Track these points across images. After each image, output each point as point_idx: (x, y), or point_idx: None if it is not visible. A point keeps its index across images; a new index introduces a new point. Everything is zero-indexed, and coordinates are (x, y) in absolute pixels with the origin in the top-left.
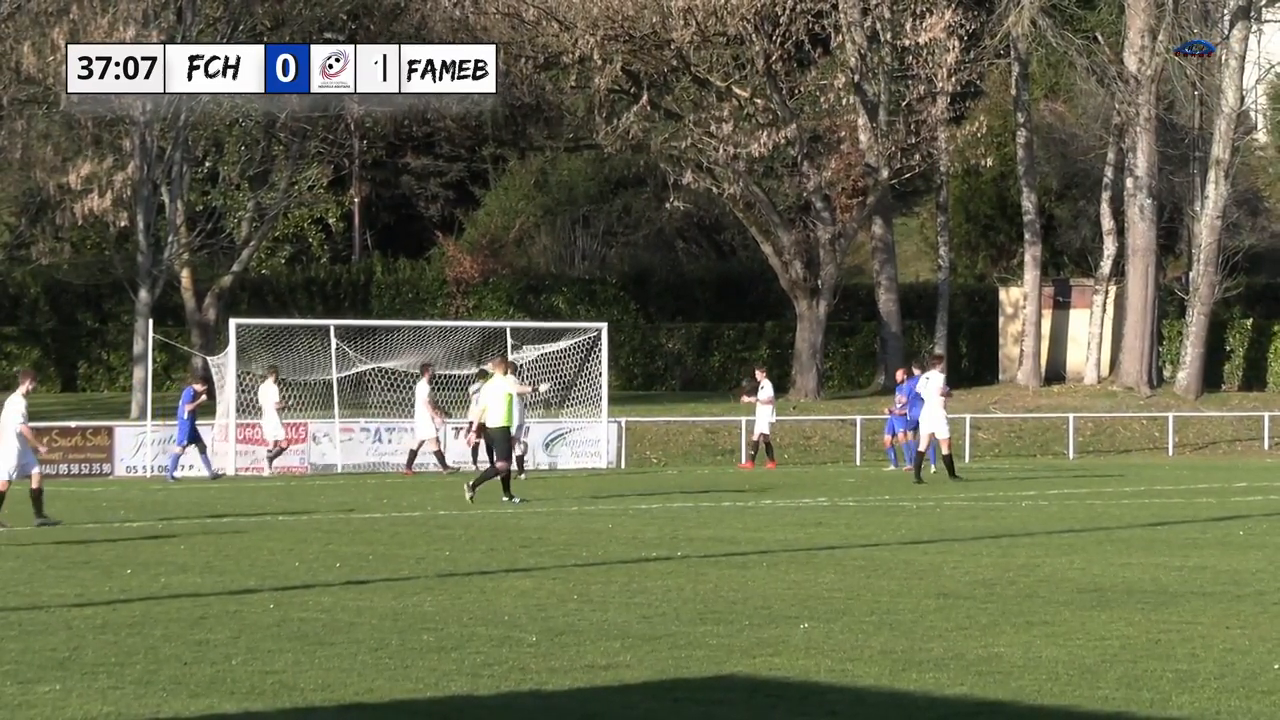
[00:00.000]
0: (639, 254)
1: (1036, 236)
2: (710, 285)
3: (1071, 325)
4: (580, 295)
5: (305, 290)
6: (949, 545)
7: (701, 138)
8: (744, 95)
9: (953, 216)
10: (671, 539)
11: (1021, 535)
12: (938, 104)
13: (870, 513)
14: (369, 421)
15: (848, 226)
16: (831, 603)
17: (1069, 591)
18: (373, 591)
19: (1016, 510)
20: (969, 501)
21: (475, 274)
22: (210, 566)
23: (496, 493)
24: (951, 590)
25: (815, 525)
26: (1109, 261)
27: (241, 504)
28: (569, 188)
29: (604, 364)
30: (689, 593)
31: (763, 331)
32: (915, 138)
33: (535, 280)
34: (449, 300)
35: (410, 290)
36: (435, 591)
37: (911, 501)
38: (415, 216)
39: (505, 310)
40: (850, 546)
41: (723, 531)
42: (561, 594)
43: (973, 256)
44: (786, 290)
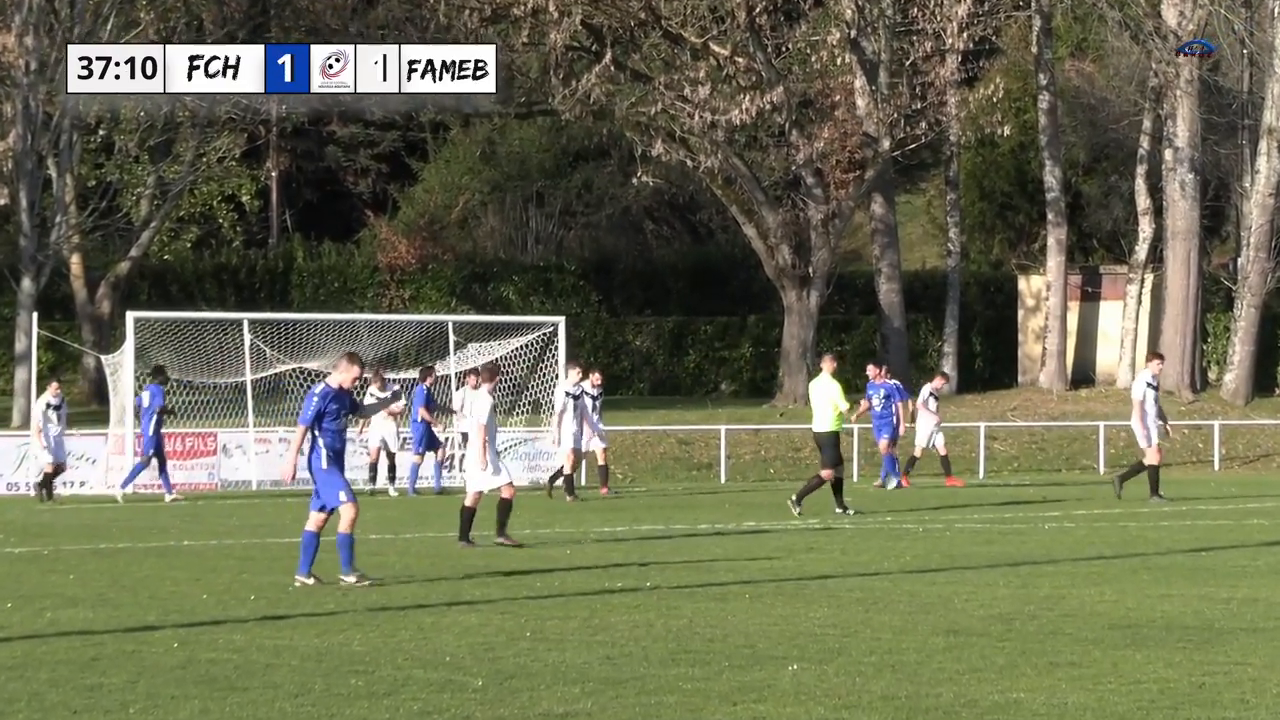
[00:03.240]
0: (602, 237)
1: (1061, 217)
2: (684, 273)
3: (1102, 319)
4: (534, 285)
5: (215, 279)
6: (960, 574)
7: (674, 102)
8: (723, 53)
9: (964, 194)
10: (639, 568)
11: (1044, 562)
12: (947, 63)
13: (869, 537)
14: (290, 431)
15: (843, 205)
16: (824, 641)
17: (1099, 628)
18: (293, 628)
19: (1038, 534)
20: (983, 524)
21: (412, 260)
22: (104, 599)
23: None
24: (963, 627)
25: (806, 551)
26: (1145, 246)
27: (140, 527)
28: (520, 160)
29: (561, 364)
30: (660, 629)
31: (745, 327)
32: (921, 103)
33: (481, 268)
34: (381, 290)
35: (336, 279)
36: (365, 628)
37: (917, 524)
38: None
39: (447, 302)
40: (846, 576)
41: (699, 559)
42: (512, 631)
43: (988, 240)
44: (773, 279)
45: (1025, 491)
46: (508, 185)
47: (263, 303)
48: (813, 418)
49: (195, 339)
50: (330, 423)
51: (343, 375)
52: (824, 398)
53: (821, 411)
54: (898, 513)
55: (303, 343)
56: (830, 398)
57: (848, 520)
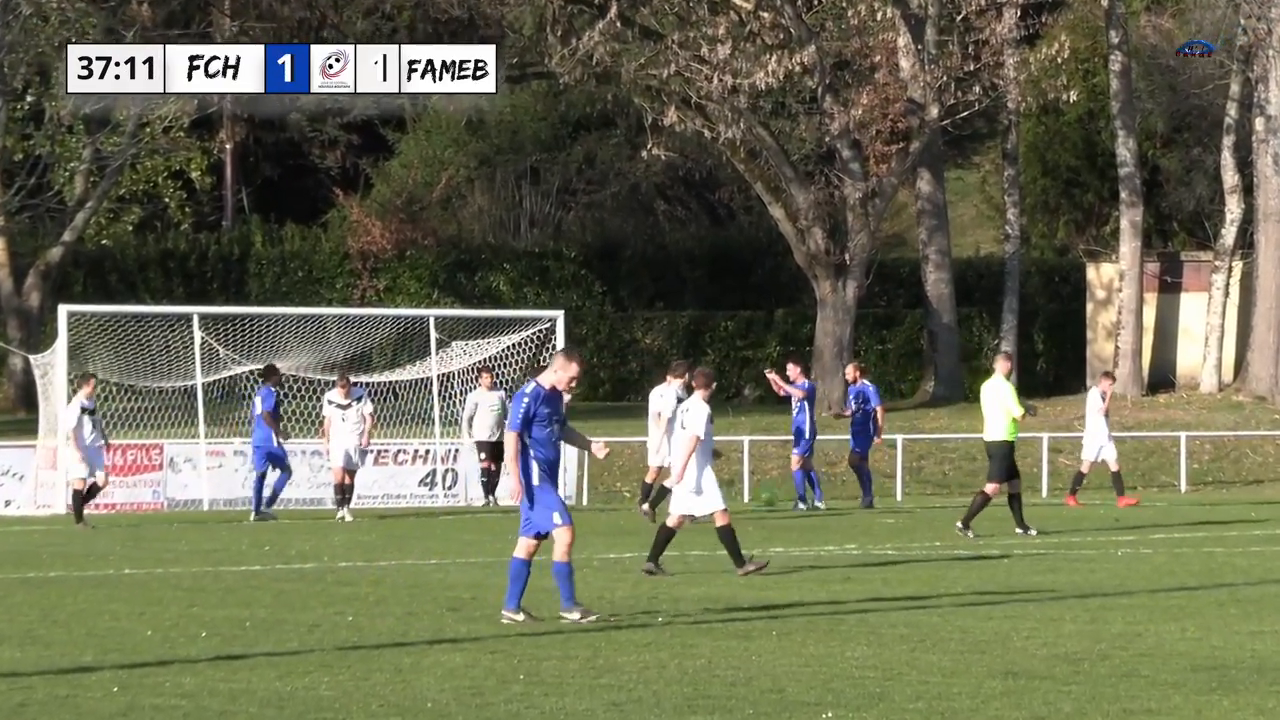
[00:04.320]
0: (606, 219)
1: (1136, 196)
2: (701, 261)
3: (1183, 314)
4: (528, 274)
5: (160, 267)
6: (1020, 608)
7: (689, 64)
8: (745, 7)
9: (1025, 169)
10: (650, 599)
11: (1117, 594)
12: (1004, 19)
13: (915, 565)
14: (246, 442)
15: (884, 182)
16: (864, 685)
17: (1180, 669)
18: (251, 669)
19: (1110, 561)
20: (1046, 550)
21: (387, 246)
22: (34, 636)
23: None
24: (1023, 668)
25: (842, 581)
26: (1233, 229)
27: (75, 552)
28: (512, 131)
29: None
30: (674, 671)
31: (771, 322)
32: (974, 64)
33: (468, 254)
34: (352, 281)
35: (300, 267)
36: (335, 670)
37: (970, 549)
38: (307, 169)
39: (427, 294)
40: (888, 609)
41: (718, 590)
42: (503, 673)
43: (1051, 222)
44: (803, 267)
45: (1095, 512)
46: (498, 159)
47: (215, 295)
48: (984, 425)
49: (137, 336)
50: (540, 429)
51: (558, 374)
52: (995, 402)
53: (993, 418)
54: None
55: (262, 341)
56: (1003, 402)
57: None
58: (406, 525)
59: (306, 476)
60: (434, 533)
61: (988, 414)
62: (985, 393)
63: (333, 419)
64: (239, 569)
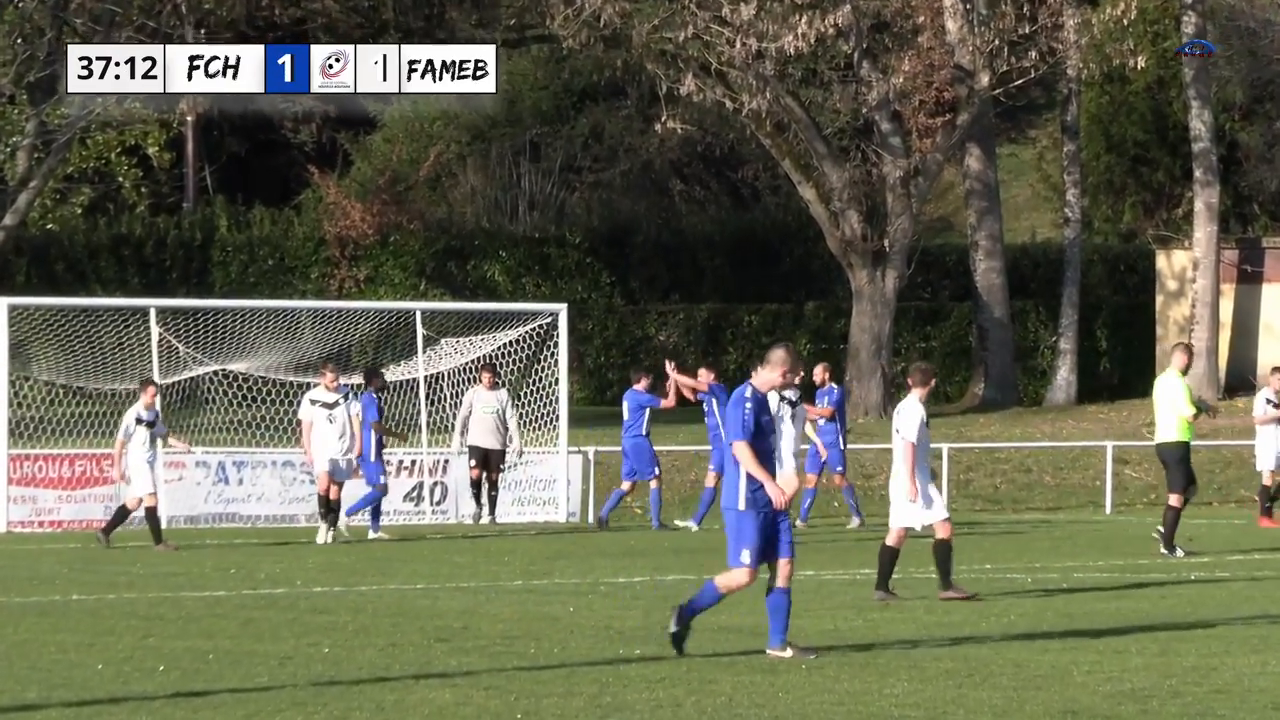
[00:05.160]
0: (615, 200)
1: (1212, 174)
2: (722, 248)
3: (1265, 307)
4: (526, 262)
5: (113, 254)
6: (1080, 640)
7: (709, 25)
8: None
9: (1087, 145)
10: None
11: (1190, 624)
12: None
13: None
14: (210, 452)
15: (929, 159)
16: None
17: (1261, 707)
18: (214, 708)
19: (1182, 587)
20: (1110, 573)
21: (369, 231)
22: None
23: None
24: (1084, 706)
25: (880, 609)
26: None
27: (18, 575)
28: (509, 102)
29: (562, 365)
30: (690, 710)
31: (801, 317)
32: (1030, 26)
33: (459, 240)
34: (329, 270)
35: (271, 255)
36: (309, 708)
37: (1025, 574)
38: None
39: (414, 285)
40: (933, 641)
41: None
42: (498, 712)
43: (1116, 204)
44: (837, 255)
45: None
46: (493, 134)
47: (175, 286)
48: (1158, 427)
49: (87, 332)
50: (760, 440)
51: (770, 373)
52: (1166, 400)
53: (1164, 418)
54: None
55: (227, 337)
56: (1173, 400)
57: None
58: (390, 546)
59: (277, 490)
60: (421, 554)
61: (1158, 413)
62: (1157, 389)
63: (316, 420)
64: (201, 595)
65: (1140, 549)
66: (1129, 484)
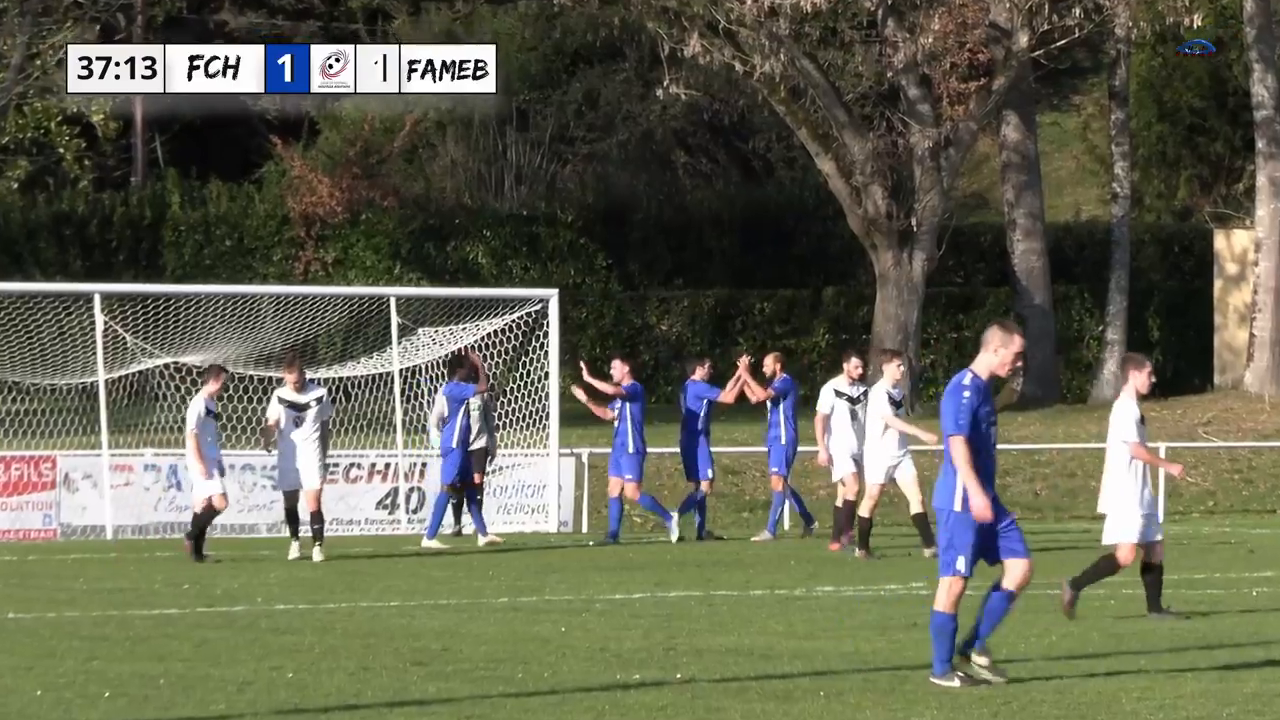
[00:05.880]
0: (612, 174)
1: (1276, 146)
2: (731, 226)
3: None
4: (513, 243)
5: (53, 234)
6: (1129, 661)
7: None
8: None
9: (1137, 113)
10: (666, 651)
11: (1251, 645)
12: None
13: None
14: (160, 454)
15: (961, 128)
16: None
17: None
18: None
19: (1243, 604)
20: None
21: (337, 208)
22: None
23: None
24: None
25: (907, 628)
26: None
27: None
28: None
29: (553, 358)
30: None
31: (819, 304)
32: None
33: (437, 218)
34: (294, 251)
35: (229, 234)
36: None
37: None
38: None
39: (388, 268)
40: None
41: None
42: None
43: (1170, 178)
44: (859, 235)
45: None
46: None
47: (122, 269)
48: None
49: (24, 321)
50: (978, 433)
51: (999, 353)
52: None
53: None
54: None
55: (180, 326)
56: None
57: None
58: (361, 559)
59: (237, 497)
60: (395, 568)
61: None
62: None
63: (283, 423)
64: (151, 613)
65: (1196, 561)
66: (1183, 489)
